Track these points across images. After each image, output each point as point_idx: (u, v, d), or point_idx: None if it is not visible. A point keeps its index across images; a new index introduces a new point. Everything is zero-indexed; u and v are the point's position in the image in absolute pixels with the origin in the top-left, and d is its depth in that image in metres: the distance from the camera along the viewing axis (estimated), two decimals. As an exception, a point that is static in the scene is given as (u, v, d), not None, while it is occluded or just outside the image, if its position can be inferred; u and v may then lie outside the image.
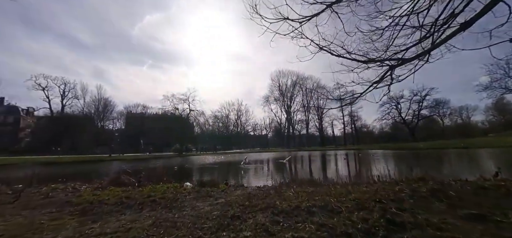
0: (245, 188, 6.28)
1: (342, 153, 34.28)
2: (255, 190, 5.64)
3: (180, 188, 6.12)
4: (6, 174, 14.81)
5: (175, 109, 55.47)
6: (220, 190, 5.66)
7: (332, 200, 3.52)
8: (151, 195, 4.79)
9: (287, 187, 5.77)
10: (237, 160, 23.48)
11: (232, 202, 3.88)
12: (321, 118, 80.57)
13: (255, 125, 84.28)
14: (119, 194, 4.89)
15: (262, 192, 5.03)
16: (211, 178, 10.41)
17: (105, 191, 5.51)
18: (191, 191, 5.63)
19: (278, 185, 6.69)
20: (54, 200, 4.57)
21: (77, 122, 53.09)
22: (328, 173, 11.81)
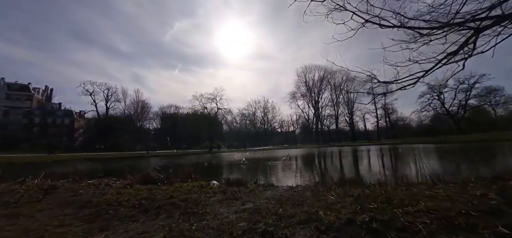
0: (276, 188, 5.50)
1: (375, 148, 31.49)
2: (288, 192, 4.83)
3: (206, 187, 5.59)
4: (61, 169, 16.21)
5: (204, 109, 56.97)
6: (248, 191, 4.97)
7: (398, 211, 2.55)
8: (173, 196, 4.28)
9: (326, 188, 4.85)
10: (265, 157, 22.79)
11: (262, 209, 3.14)
12: (351, 112, 76.02)
13: (282, 122, 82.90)
14: (141, 194, 4.48)
15: (297, 195, 4.21)
16: (238, 175, 9.85)
17: (130, 189, 5.20)
18: (217, 190, 5.04)
19: (313, 185, 5.78)
20: (79, 198, 4.33)
21: (120, 123, 57.79)
22: (368, 171, 10.43)
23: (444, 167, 10.61)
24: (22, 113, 59.95)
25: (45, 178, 7.40)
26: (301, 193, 4.55)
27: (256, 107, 78.59)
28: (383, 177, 6.89)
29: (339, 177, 6.80)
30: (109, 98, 59.03)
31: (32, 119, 60.61)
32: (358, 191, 4.17)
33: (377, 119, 74.92)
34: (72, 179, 8.47)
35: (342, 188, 4.89)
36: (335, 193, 4.12)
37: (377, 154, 20.04)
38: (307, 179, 8.22)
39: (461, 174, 8.05)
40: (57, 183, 6.64)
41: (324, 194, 4.20)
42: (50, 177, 8.00)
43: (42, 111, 63.35)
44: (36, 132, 58.89)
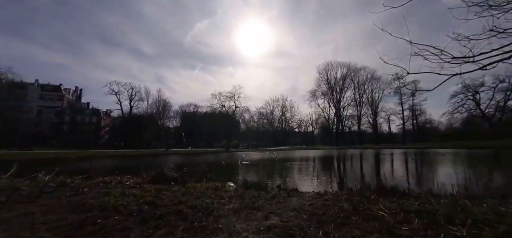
0: (301, 194, 4.61)
1: (403, 152, 29.10)
2: (317, 200, 3.95)
3: (221, 189, 4.86)
4: (83, 165, 16.62)
5: (222, 107, 57.06)
6: (270, 197, 4.15)
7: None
8: (181, 201, 3.59)
9: (365, 198, 3.88)
10: (284, 158, 21.81)
11: (294, 229, 2.29)
12: (375, 113, 72.15)
13: (300, 121, 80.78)
14: (146, 197, 3.84)
15: (332, 206, 3.31)
16: (257, 177, 9.06)
17: (137, 190, 4.60)
18: (233, 195, 4.28)
19: (346, 192, 4.80)
20: (75, 199, 3.80)
21: (142, 121, 59.90)
22: (404, 177, 9.11)
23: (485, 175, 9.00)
24: (54, 112, 64.31)
25: (58, 174, 7.17)
26: (336, 202, 3.64)
27: (274, 106, 77.38)
28: (421, 184, 5.70)
29: (376, 184, 5.72)
30: (133, 97, 61.48)
31: (63, 118, 64.84)
32: (415, 205, 3.16)
33: (403, 121, 70.26)
34: (87, 176, 8.26)
35: (388, 199, 3.89)
36: (384, 206, 3.15)
37: (410, 158, 18.11)
38: (335, 184, 7.20)
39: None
40: (67, 180, 6.32)
41: (367, 206, 3.25)
42: (66, 173, 7.81)
43: (71, 110, 67.64)
44: (65, 130, 62.94)
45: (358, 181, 7.50)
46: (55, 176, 6.93)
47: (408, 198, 3.88)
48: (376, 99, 72.22)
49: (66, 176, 7.40)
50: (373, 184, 5.77)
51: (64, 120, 65.84)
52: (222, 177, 8.56)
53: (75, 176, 8.07)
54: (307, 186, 6.65)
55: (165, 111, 67.34)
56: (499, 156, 16.66)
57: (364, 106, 73.70)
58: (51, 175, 6.88)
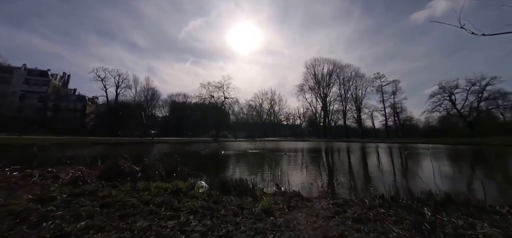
0: (309, 204, 3.03)
1: (388, 147, 28.54)
2: (342, 218, 2.37)
3: (185, 193, 3.19)
4: (55, 152, 14.23)
5: (210, 97, 54.56)
6: (259, 209, 2.52)
7: None
8: (92, 225, 1.87)
9: (419, 215, 2.34)
10: (274, 148, 20.32)
11: None
12: (359, 109, 72.32)
13: (288, 114, 79.76)
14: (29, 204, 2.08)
15: (362, 223, 1.73)
16: (242, 171, 7.41)
17: (57, 188, 2.82)
18: (200, 205, 2.62)
19: (381, 202, 3.25)
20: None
21: (129, 109, 56.36)
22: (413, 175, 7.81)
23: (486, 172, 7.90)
24: (38, 98, 59.44)
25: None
26: (362, 218, 2.07)
27: (263, 99, 75.74)
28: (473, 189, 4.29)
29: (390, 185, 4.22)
30: (119, 84, 57.48)
31: (46, 103, 60.03)
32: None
33: (385, 117, 71.10)
34: (37, 165, 6.31)
35: (453, 214, 2.37)
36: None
37: (399, 153, 17.04)
38: (344, 184, 5.68)
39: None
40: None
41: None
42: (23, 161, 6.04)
43: (56, 96, 62.72)
44: (49, 116, 58.32)
45: (374, 181, 6.02)
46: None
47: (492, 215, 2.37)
48: (360, 96, 72.48)
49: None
50: (404, 186, 4.27)
51: (47, 105, 60.89)
52: (198, 171, 6.86)
53: (25, 165, 6.15)
54: (309, 186, 5.07)
55: (154, 100, 63.90)
56: (484, 152, 16.02)
57: (349, 102, 73.84)
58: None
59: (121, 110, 51.61)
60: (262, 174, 6.74)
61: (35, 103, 59.10)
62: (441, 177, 5.90)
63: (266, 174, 6.66)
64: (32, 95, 58.96)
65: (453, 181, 6.27)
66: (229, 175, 6.50)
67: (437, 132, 53.48)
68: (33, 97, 59.01)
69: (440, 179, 6.52)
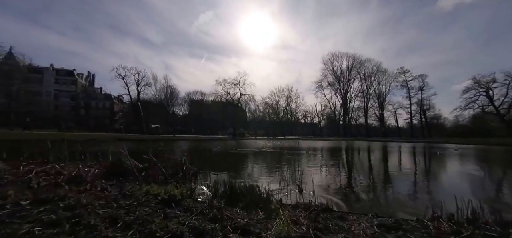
0: (344, 222, 2.13)
1: (409, 146, 25.99)
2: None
3: (175, 206, 2.43)
4: (87, 147, 14.59)
5: (227, 94, 54.50)
6: (272, 235, 1.68)
7: None
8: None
9: None
10: (291, 147, 19.27)
11: None
12: (382, 106, 67.91)
13: (306, 112, 77.36)
14: None
15: None
16: (255, 173, 6.60)
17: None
18: (191, 228, 1.82)
19: (432, 224, 2.26)
20: None
21: (151, 107, 58.45)
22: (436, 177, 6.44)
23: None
24: (69, 96, 63.79)
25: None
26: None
27: (279, 96, 74.10)
28: None
29: (445, 195, 3.11)
30: (139, 82, 59.42)
31: (78, 102, 64.33)
32: None
33: (410, 115, 65.90)
34: (53, 160, 6.09)
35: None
36: None
37: (431, 154, 15.05)
38: (375, 188, 4.64)
39: None
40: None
41: None
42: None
43: (85, 94, 66.99)
44: (82, 114, 62.52)
45: (419, 189, 4.84)
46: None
47: None
48: (383, 92, 67.93)
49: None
50: (466, 200, 3.17)
51: (79, 104, 65.32)
52: (208, 170, 6.17)
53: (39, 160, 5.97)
54: (339, 193, 4.10)
55: (173, 98, 65.50)
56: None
57: (371, 98, 69.55)
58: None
59: (143, 108, 53.57)
60: (279, 177, 5.86)
61: (67, 102, 63.65)
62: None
63: (285, 177, 5.77)
64: (62, 94, 63.36)
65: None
66: (241, 176, 5.72)
67: (467, 131, 48.02)
68: (64, 96, 63.40)
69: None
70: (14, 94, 41.47)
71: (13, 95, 40.99)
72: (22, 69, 48.72)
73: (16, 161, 5.17)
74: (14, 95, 41.31)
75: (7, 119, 37.94)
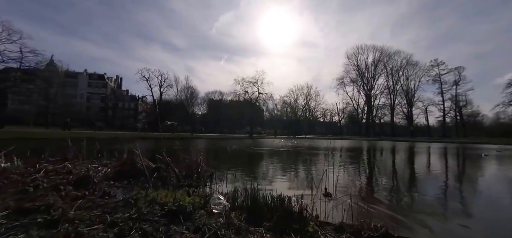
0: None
1: (441, 146, 23.46)
2: None
3: (184, 222, 1.89)
4: (105, 145, 15.17)
5: (245, 93, 54.27)
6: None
7: None
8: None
9: None
10: (312, 146, 18.31)
11: None
12: (410, 103, 63.14)
13: (325, 110, 74.61)
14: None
15: None
16: (277, 176, 5.95)
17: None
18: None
19: None
20: None
21: (172, 107, 60.46)
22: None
23: None
24: (99, 98, 68.48)
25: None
26: None
27: (298, 94, 72.24)
28: None
29: None
30: (162, 84, 61.80)
31: (107, 103, 68.64)
32: None
33: (443, 112, 60.28)
34: (72, 157, 6.07)
35: None
36: None
37: (483, 155, 12.93)
38: (433, 201, 3.79)
39: None
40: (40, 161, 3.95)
41: None
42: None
43: (114, 96, 71.25)
44: (110, 114, 66.58)
45: (491, 202, 3.86)
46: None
47: None
48: (412, 88, 62.99)
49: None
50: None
51: (108, 105, 69.75)
52: (224, 170, 5.67)
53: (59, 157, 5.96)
54: (391, 207, 3.33)
55: (193, 98, 67.02)
56: None
57: (398, 95, 64.87)
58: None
59: (164, 108, 55.49)
60: (305, 181, 5.17)
61: (97, 103, 68.45)
62: None
63: (311, 180, 5.07)
64: (94, 96, 68.54)
65: None
66: (262, 179, 5.13)
67: (510, 131, 42.37)
68: (95, 98, 68.59)
69: None
70: (52, 97, 45.12)
71: (51, 98, 44.63)
72: (60, 74, 53.34)
73: (35, 159, 5.12)
74: (52, 98, 44.97)
75: (45, 120, 41.29)
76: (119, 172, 4.24)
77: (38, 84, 38.21)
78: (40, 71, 37.42)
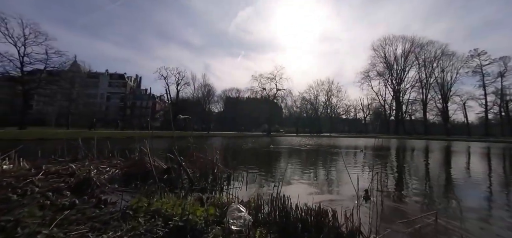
0: None
1: (482, 146, 20.86)
2: None
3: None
4: (121, 144, 15.61)
5: (262, 89, 53.61)
6: None
7: None
8: None
9: None
10: (335, 145, 17.30)
11: None
12: (446, 97, 58.13)
13: (348, 107, 71.43)
14: None
15: None
16: (310, 177, 5.32)
17: None
18: None
19: None
20: None
21: (189, 104, 61.86)
22: None
23: None
24: (119, 97, 72.19)
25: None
26: None
27: (319, 90, 69.86)
28: None
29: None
30: (179, 82, 63.31)
31: (126, 102, 72.18)
32: None
33: (485, 108, 54.62)
34: (82, 157, 6.02)
35: None
36: None
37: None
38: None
39: None
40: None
41: None
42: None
43: (133, 95, 74.69)
44: (128, 113, 69.94)
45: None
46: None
47: None
48: (448, 80, 57.86)
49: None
50: None
51: (126, 104, 73.32)
52: (241, 170, 5.17)
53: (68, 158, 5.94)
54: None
55: (210, 96, 67.91)
56: None
57: (432, 89, 59.99)
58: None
59: (181, 106, 56.85)
60: (344, 186, 4.51)
61: (117, 102, 72.24)
62: None
63: (354, 187, 4.41)
64: (114, 96, 72.41)
65: None
66: (290, 183, 4.54)
67: None
68: (115, 98, 72.41)
69: None
70: (74, 97, 48.12)
71: (73, 98, 47.61)
72: (82, 75, 56.93)
73: (41, 160, 5.04)
74: (74, 99, 47.96)
75: (67, 120, 44.19)
76: (127, 174, 3.93)
77: (62, 85, 40.86)
78: (64, 72, 40.13)
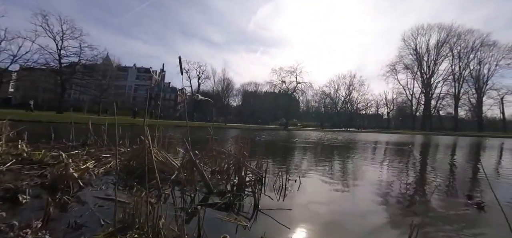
0: None
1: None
2: None
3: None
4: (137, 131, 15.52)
5: (282, 83, 51.88)
6: None
7: None
8: None
9: None
10: (363, 141, 15.61)
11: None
12: (481, 91, 52.18)
13: (370, 102, 67.13)
14: None
15: None
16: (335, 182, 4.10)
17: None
18: None
19: None
20: None
21: (209, 97, 62.56)
22: None
23: None
24: (145, 89, 75.48)
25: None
26: None
27: (339, 84, 66.39)
28: None
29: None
30: (200, 75, 64.18)
31: (151, 94, 75.06)
32: None
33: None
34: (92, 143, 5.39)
35: None
36: None
37: None
38: None
39: None
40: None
41: None
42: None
43: (157, 88, 77.47)
44: (152, 104, 72.83)
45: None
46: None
47: None
48: (485, 73, 51.59)
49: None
50: None
51: (151, 96, 76.22)
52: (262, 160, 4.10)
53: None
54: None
55: (229, 90, 67.89)
56: None
57: (466, 83, 54.06)
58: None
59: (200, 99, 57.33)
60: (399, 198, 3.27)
61: (143, 94, 75.65)
62: None
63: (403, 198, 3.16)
64: (141, 88, 75.95)
65: None
66: (320, 186, 3.38)
67: None
68: (141, 89, 75.93)
69: None
70: (106, 87, 50.76)
71: (105, 88, 50.25)
72: (113, 68, 59.94)
73: (45, 144, 4.43)
74: (105, 89, 50.63)
75: (98, 108, 47.37)
76: (126, 167, 3.07)
77: (94, 76, 43.56)
78: (97, 65, 42.91)
